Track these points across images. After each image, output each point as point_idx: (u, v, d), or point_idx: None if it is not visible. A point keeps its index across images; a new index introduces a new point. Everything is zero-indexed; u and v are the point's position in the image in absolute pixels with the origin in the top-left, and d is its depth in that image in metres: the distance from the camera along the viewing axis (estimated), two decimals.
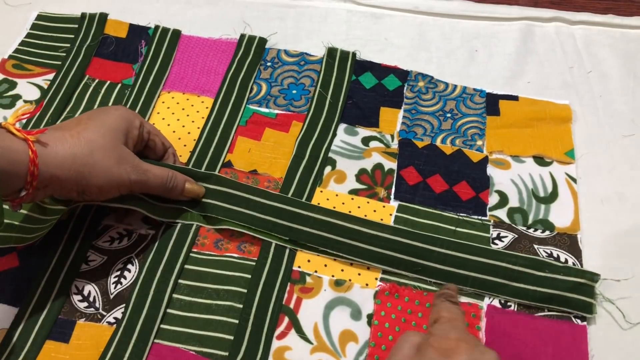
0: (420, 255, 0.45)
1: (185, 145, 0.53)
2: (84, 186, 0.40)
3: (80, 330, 0.43)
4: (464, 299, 0.44)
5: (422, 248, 0.46)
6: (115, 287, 0.45)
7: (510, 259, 0.45)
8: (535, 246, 0.47)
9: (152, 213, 0.46)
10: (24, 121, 0.54)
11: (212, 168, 0.51)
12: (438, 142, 0.54)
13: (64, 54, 0.60)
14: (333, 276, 0.46)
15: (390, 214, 0.49)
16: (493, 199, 0.50)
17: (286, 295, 0.45)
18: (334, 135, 0.54)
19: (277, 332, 0.43)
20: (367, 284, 0.45)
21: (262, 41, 0.61)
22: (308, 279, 0.45)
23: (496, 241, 0.47)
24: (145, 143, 0.46)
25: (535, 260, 0.45)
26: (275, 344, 0.42)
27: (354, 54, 0.60)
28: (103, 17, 0.62)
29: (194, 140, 0.54)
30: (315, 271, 0.46)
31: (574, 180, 0.51)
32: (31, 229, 0.43)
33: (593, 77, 0.59)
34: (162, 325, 0.43)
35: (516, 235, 0.48)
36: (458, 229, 0.48)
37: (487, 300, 0.44)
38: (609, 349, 0.42)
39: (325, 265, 0.46)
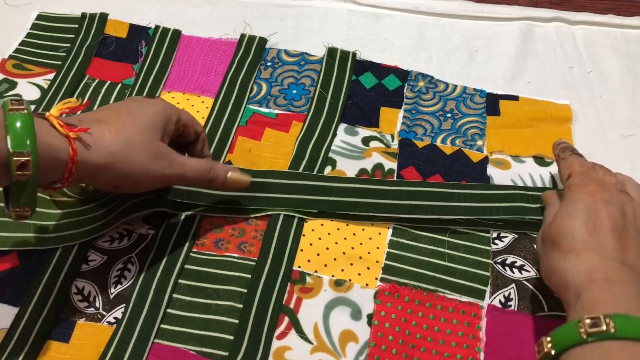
0: (443, 198, 0.48)
1: None
2: (117, 181, 0.40)
3: (80, 330, 0.43)
4: (464, 299, 0.44)
5: (442, 192, 0.48)
6: (115, 287, 0.45)
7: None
8: (536, 246, 0.47)
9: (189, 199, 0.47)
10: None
11: None
12: (438, 142, 0.54)
13: (64, 54, 0.60)
14: (333, 276, 0.46)
15: None
16: None
17: (286, 295, 0.45)
18: (334, 135, 0.54)
19: (277, 332, 0.43)
20: (367, 284, 0.45)
21: (262, 41, 0.61)
22: (308, 279, 0.45)
23: (496, 241, 0.47)
24: (180, 133, 0.46)
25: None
26: (275, 344, 0.42)
27: (354, 54, 0.60)
28: (103, 17, 0.62)
29: None
30: (315, 271, 0.46)
31: None
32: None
33: (593, 77, 0.59)
34: (162, 325, 0.43)
35: (516, 236, 0.48)
36: (458, 229, 0.48)
37: (487, 300, 0.44)
38: None
39: (325, 265, 0.46)
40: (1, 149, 0.33)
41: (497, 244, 0.47)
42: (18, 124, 0.34)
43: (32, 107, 0.39)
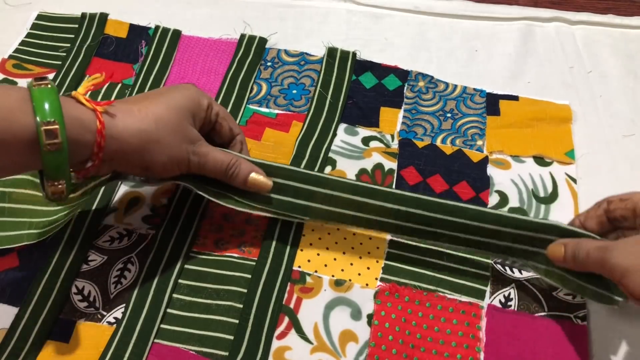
0: (447, 226, 0.44)
1: None
2: (148, 162, 0.39)
3: (80, 330, 0.43)
4: (464, 299, 0.44)
5: (447, 220, 0.44)
6: (115, 287, 0.45)
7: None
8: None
9: (207, 193, 0.44)
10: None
11: None
12: (438, 142, 0.54)
13: (64, 54, 0.60)
14: (333, 276, 0.46)
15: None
16: (493, 199, 0.50)
17: (286, 295, 0.45)
18: (334, 135, 0.54)
19: (277, 332, 0.43)
20: (367, 284, 0.45)
21: (262, 41, 0.61)
22: (308, 279, 0.45)
23: None
24: (212, 126, 0.45)
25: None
26: (275, 344, 0.42)
27: (354, 54, 0.60)
28: (103, 17, 0.62)
29: None
30: (315, 271, 0.46)
31: (574, 180, 0.51)
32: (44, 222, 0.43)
33: (593, 77, 0.59)
34: (162, 325, 0.43)
35: None
36: None
37: (487, 300, 0.44)
38: (609, 349, 0.42)
39: (325, 265, 0.46)
40: (29, 122, 0.33)
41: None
42: (43, 96, 0.34)
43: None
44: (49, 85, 0.35)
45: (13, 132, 0.33)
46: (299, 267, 0.46)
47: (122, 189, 0.50)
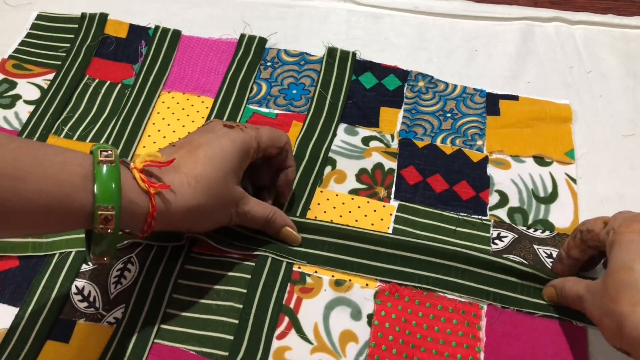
0: (440, 270, 0.45)
1: None
2: (193, 228, 0.42)
3: (80, 330, 0.43)
4: (464, 299, 0.44)
5: (439, 264, 0.45)
6: (115, 287, 0.45)
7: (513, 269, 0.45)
8: (535, 246, 0.47)
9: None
10: (24, 120, 0.54)
11: None
12: (438, 142, 0.54)
13: (64, 54, 0.60)
14: (333, 276, 0.46)
15: (391, 214, 0.49)
16: (493, 199, 0.50)
17: (286, 295, 0.45)
18: (334, 135, 0.54)
19: (277, 332, 0.43)
20: (367, 284, 0.45)
21: (262, 41, 0.61)
22: (308, 279, 0.45)
23: (496, 241, 0.47)
24: (260, 156, 0.44)
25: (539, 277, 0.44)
26: (275, 344, 0.42)
27: (354, 54, 0.60)
28: (103, 17, 0.62)
29: None
30: (315, 271, 0.46)
31: (574, 180, 0.51)
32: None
33: (593, 77, 0.59)
34: (162, 325, 0.43)
35: (516, 235, 0.48)
36: (458, 229, 0.48)
37: (487, 300, 0.44)
38: (609, 350, 0.42)
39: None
40: (87, 200, 0.34)
41: (497, 244, 0.47)
42: (106, 178, 0.34)
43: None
44: (113, 164, 0.35)
45: (72, 209, 0.34)
46: (299, 267, 0.46)
47: None
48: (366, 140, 0.54)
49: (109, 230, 0.34)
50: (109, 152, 0.35)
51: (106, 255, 0.36)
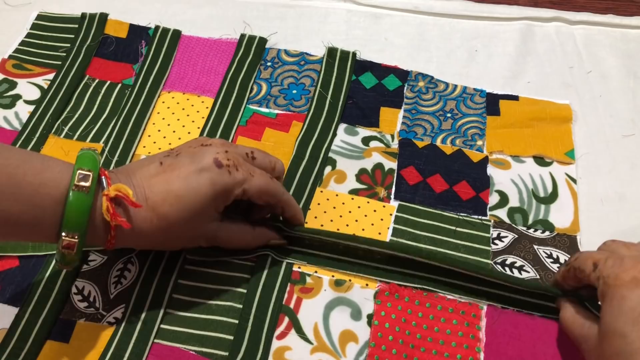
0: (442, 273, 0.45)
1: None
2: (158, 247, 0.44)
3: (80, 330, 0.43)
4: (464, 299, 0.44)
5: (440, 268, 0.45)
6: (115, 287, 0.45)
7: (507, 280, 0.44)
8: (535, 246, 0.47)
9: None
10: (24, 120, 0.54)
11: None
12: (438, 142, 0.54)
13: (64, 54, 0.60)
14: (333, 276, 0.46)
15: (391, 214, 0.49)
16: (493, 199, 0.50)
17: (286, 295, 0.45)
18: (334, 135, 0.54)
19: (277, 332, 0.43)
20: (367, 284, 0.45)
21: (262, 41, 0.61)
22: (308, 279, 0.45)
23: (496, 241, 0.47)
24: (246, 199, 0.42)
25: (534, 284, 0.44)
26: (275, 344, 0.42)
27: (354, 54, 0.60)
28: (103, 17, 0.62)
29: None
30: (315, 271, 0.46)
31: (574, 180, 0.51)
32: None
33: (593, 77, 0.59)
34: (162, 325, 0.43)
35: (516, 236, 0.48)
36: (458, 229, 0.48)
37: (487, 300, 0.44)
38: None
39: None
40: (55, 223, 0.36)
41: (497, 244, 0.47)
42: (75, 207, 0.36)
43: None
44: (87, 191, 0.36)
45: (40, 229, 0.36)
46: (299, 267, 0.46)
47: None
48: (366, 141, 0.54)
49: (72, 253, 0.36)
50: (88, 173, 0.36)
51: (70, 267, 0.38)
